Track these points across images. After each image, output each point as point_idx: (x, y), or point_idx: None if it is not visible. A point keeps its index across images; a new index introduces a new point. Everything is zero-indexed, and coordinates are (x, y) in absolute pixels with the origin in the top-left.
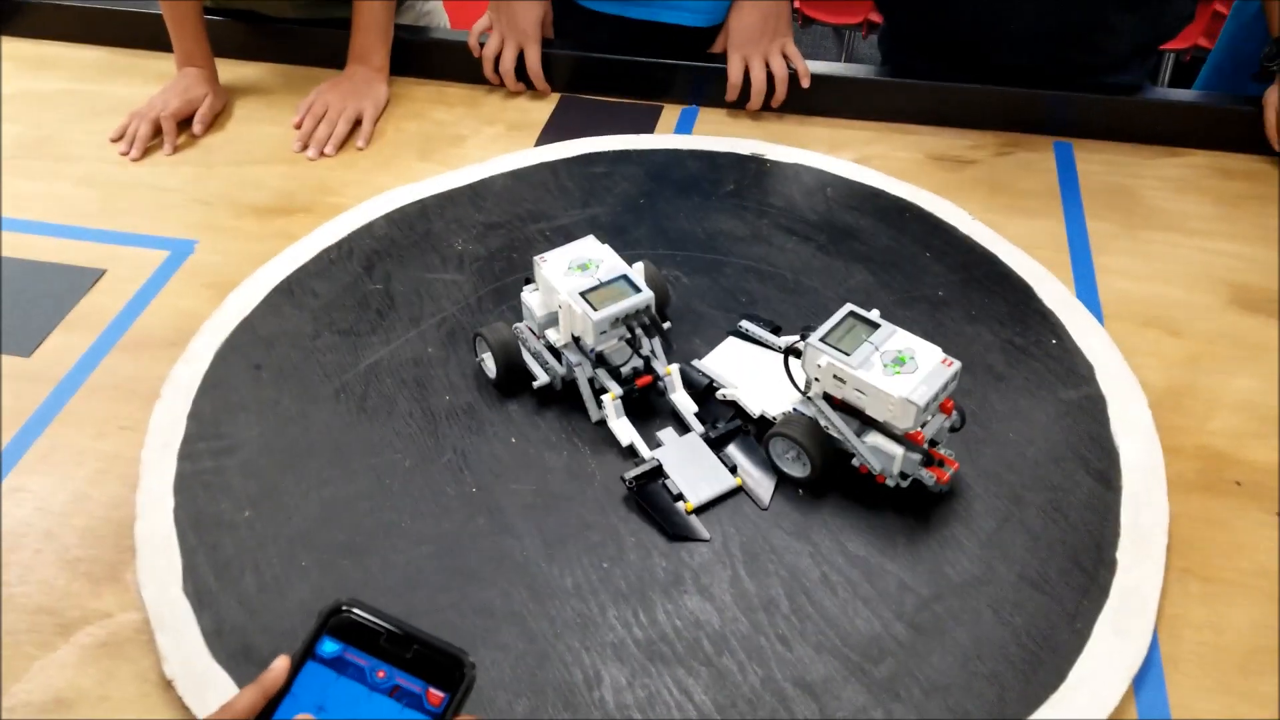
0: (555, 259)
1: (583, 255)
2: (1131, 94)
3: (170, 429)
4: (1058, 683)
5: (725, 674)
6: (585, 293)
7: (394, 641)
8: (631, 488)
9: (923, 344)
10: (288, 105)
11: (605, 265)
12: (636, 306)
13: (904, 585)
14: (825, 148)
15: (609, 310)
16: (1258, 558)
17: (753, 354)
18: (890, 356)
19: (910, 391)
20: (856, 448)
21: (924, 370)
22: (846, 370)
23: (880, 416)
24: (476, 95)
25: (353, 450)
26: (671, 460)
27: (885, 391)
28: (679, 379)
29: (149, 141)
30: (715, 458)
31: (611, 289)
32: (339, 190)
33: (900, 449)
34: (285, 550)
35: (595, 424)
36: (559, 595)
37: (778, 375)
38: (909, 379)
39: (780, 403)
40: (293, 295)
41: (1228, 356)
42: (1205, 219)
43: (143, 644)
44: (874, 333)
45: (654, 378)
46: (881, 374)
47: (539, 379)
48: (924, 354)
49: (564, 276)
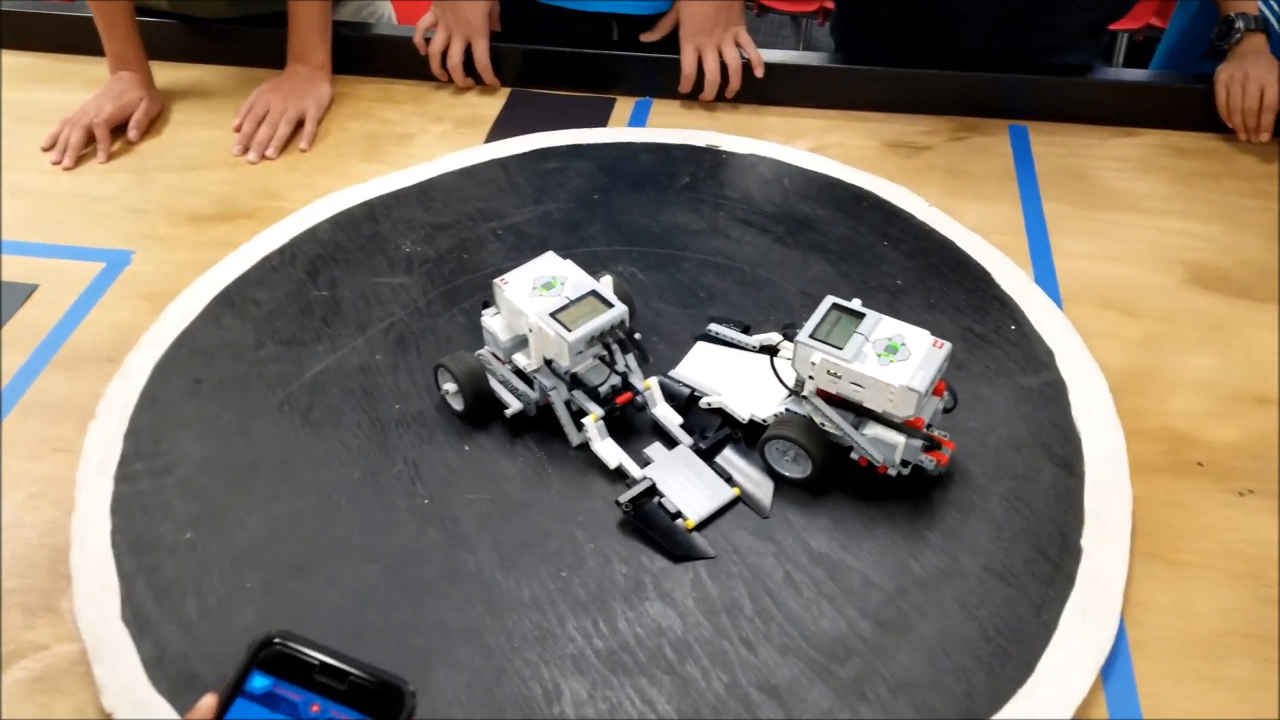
0: (516, 280)
1: (546, 273)
2: (1085, 75)
3: (106, 449)
4: (1025, 675)
5: (689, 682)
6: (555, 313)
7: (328, 673)
8: (628, 511)
9: (910, 329)
10: (227, 108)
11: (571, 281)
12: (611, 322)
13: (868, 581)
14: (781, 137)
15: (584, 329)
16: (1221, 539)
17: (726, 356)
18: (882, 345)
19: (909, 379)
20: (857, 441)
21: (918, 356)
22: (841, 365)
23: (879, 407)
24: (423, 92)
25: (298, 465)
26: (664, 477)
27: (884, 382)
28: (659, 392)
29: (82, 149)
30: (709, 469)
31: (582, 306)
32: (281, 194)
33: (902, 437)
34: (229, 572)
35: (576, 449)
36: (516, 608)
37: (759, 376)
38: (905, 366)
39: (767, 404)
40: (234, 305)
41: (1186, 336)
42: (1160, 198)
43: (80, 676)
44: (861, 323)
45: (633, 394)
46: (877, 364)
47: (511, 407)
48: (914, 339)
49: (529, 298)
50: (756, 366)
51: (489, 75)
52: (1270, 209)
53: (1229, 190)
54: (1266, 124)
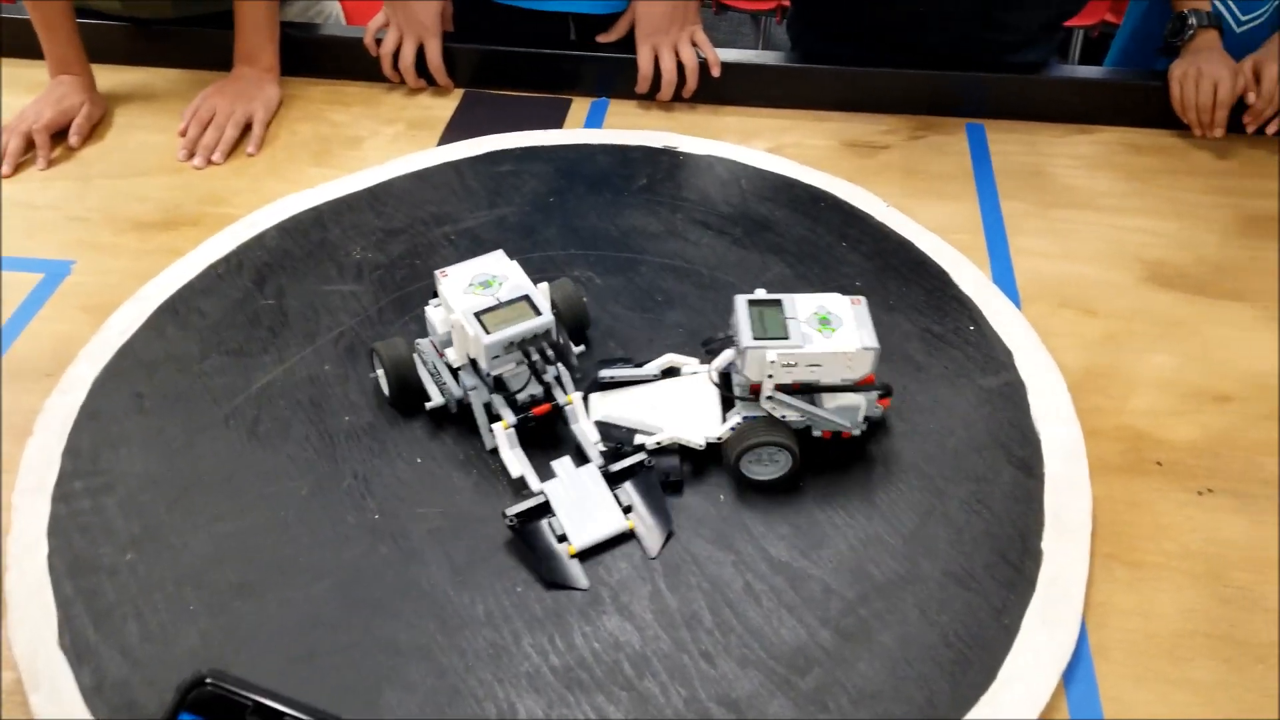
0: (457, 274)
1: (487, 271)
2: (1040, 72)
3: (44, 467)
4: (988, 682)
5: (647, 697)
6: (481, 313)
7: (261, 714)
8: (513, 526)
9: (823, 297)
10: (172, 112)
11: (509, 284)
12: (534, 330)
13: (828, 589)
14: (738, 138)
15: (503, 333)
16: (1181, 539)
17: (631, 396)
18: (815, 322)
19: (862, 340)
20: (823, 417)
21: (849, 318)
22: (796, 353)
23: (838, 377)
24: (374, 94)
25: (244, 481)
26: (560, 496)
27: (841, 352)
28: (581, 408)
29: (21, 157)
30: (610, 495)
31: (511, 310)
32: (228, 200)
33: (861, 396)
34: (172, 594)
35: (489, 452)
36: (470, 625)
37: (679, 399)
38: (847, 331)
39: (713, 422)
40: (178, 315)
41: (1144, 334)
42: (1116, 195)
43: (17, 705)
44: (782, 309)
45: (553, 406)
46: (823, 340)
47: (433, 400)
48: (835, 305)
49: (463, 294)
50: (672, 393)
51: (442, 76)
52: (1225, 205)
53: (1184, 187)
54: (1220, 120)
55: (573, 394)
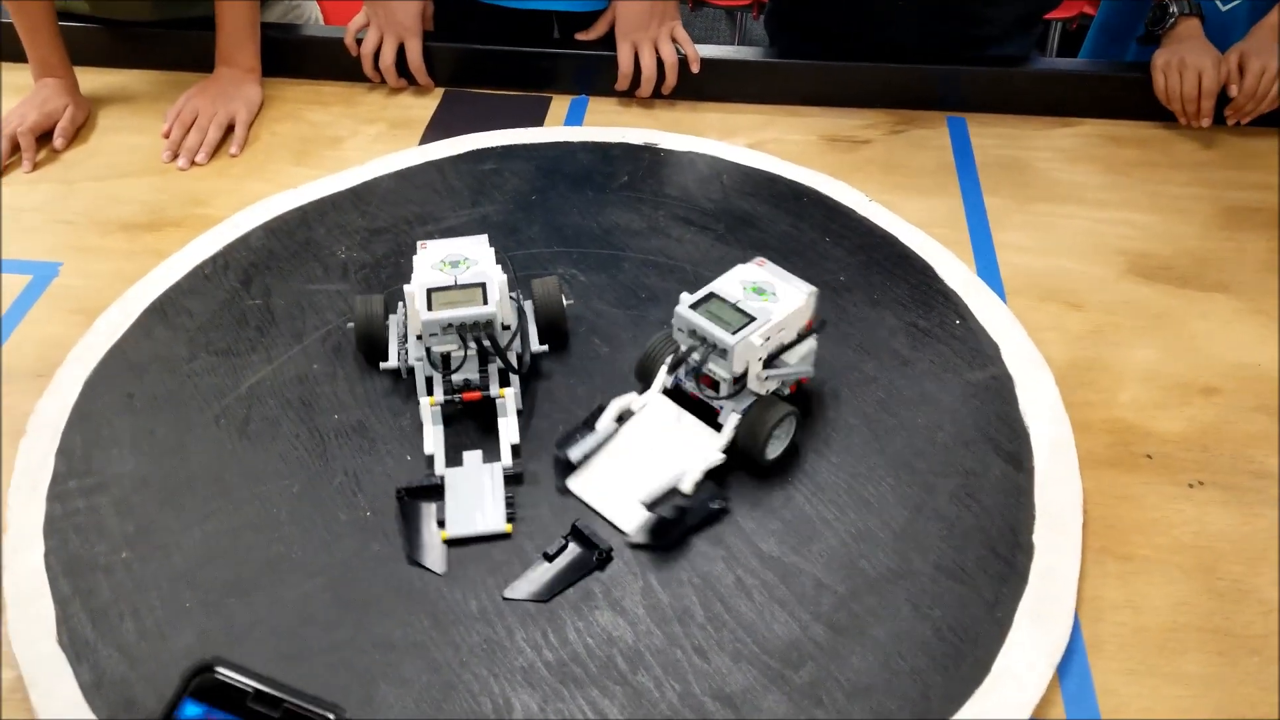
0: (435, 249)
1: (462, 252)
2: (1020, 65)
3: (37, 468)
4: (982, 675)
5: (641, 692)
6: (433, 290)
7: (262, 701)
8: (400, 498)
9: (734, 272)
10: (155, 113)
11: (475, 269)
12: (474, 319)
13: (820, 584)
14: (719, 134)
15: (441, 314)
16: (1172, 532)
17: (610, 464)
18: (753, 297)
19: (803, 290)
20: (797, 371)
21: (773, 278)
22: (771, 326)
23: (795, 332)
24: (354, 94)
25: (236, 479)
26: (457, 484)
27: (797, 307)
28: (513, 404)
29: (6, 160)
30: (502, 496)
31: (461, 293)
32: (212, 201)
33: (812, 338)
34: (167, 592)
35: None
36: (463, 621)
37: (656, 436)
38: (786, 288)
39: (707, 435)
40: (165, 316)
41: (1129, 327)
42: (1098, 188)
43: (16, 703)
44: (723, 296)
45: (481, 394)
46: (777, 304)
47: (389, 361)
48: (752, 274)
49: (429, 268)
50: (643, 436)
51: (423, 76)
52: (1207, 196)
53: (1166, 179)
54: (1206, 110)
55: (506, 390)
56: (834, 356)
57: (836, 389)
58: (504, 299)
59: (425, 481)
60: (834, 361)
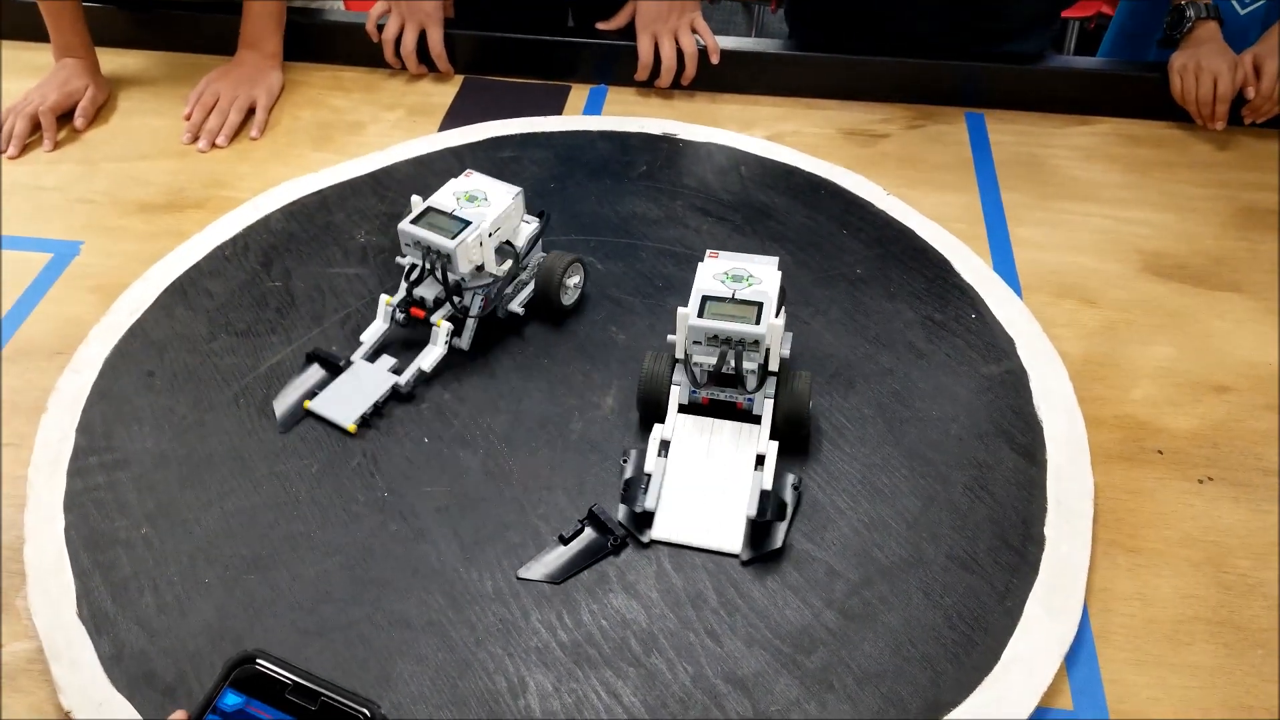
0: (467, 182)
1: (486, 192)
2: (1039, 63)
3: (58, 444)
4: (991, 664)
5: (655, 674)
6: (431, 208)
7: (300, 693)
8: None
9: (704, 268)
10: (176, 96)
11: (483, 211)
12: (436, 246)
13: (832, 571)
14: (737, 125)
15: (414, 230)
16: (1182, 526)
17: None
18: (744, 286)
19: (772, 263)
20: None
21: (750, 264)
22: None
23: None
24: (375, 80)
25: (255, 458)
26: (353, 374)
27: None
28: (442, 336)
29: (27, 139)
30: (372, 404)
31: (445, 221)
32: (232, 183)
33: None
34: (186, 567)
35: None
36: (479, 601)
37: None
38: (761, 269)
39: (758, 434)
40: (186, 296)
41: (1143, 324)
42: (1115, 187)
43: (37, 674)
44: (722, 296)
45: (423, 314)
46: (765, 286)
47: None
48: (724, 264)
49: (447, 192)
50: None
51: (443, 62)
52: (1223, 197)
53: (1183, 179)
54: (1221, 113)
55: (444, 322)
56: (850, 348)
57: (852, 380)
58: (488, 248)
59: (334, 356)
60: (849, 353)
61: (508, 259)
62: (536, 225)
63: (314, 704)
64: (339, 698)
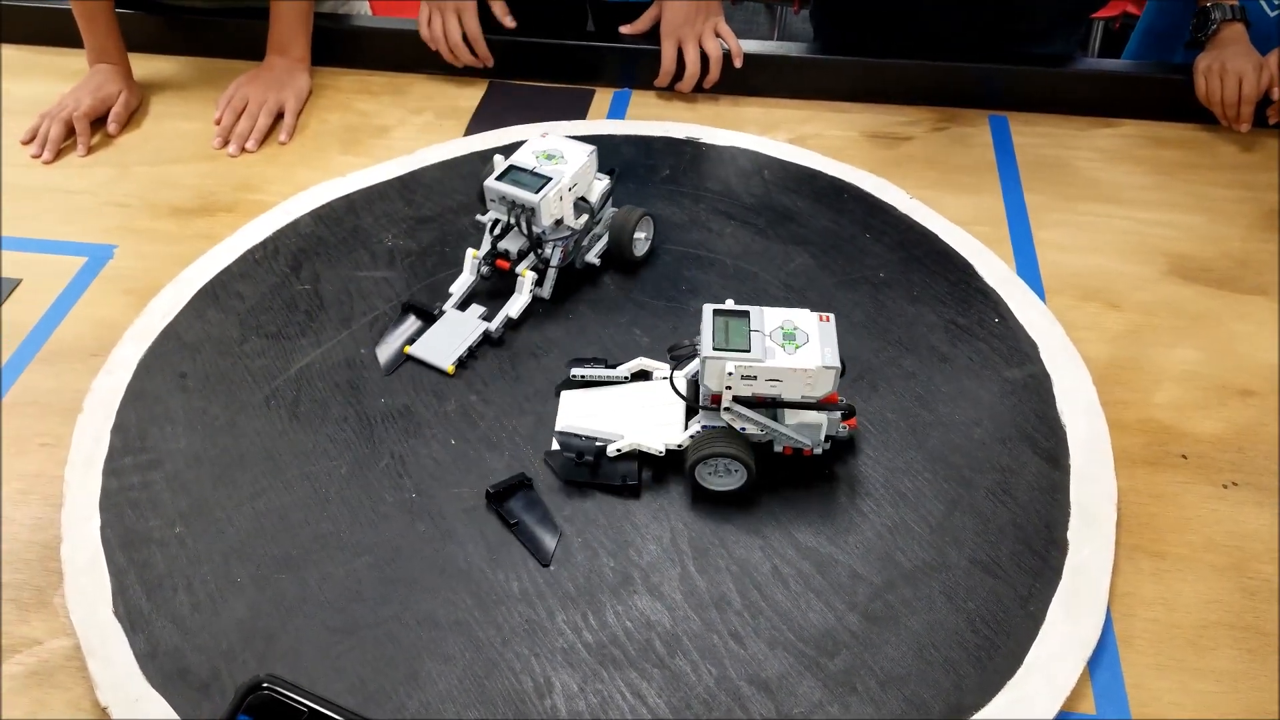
0: (546, 142)
1: (562, 151)
2: (1063, 65)
3: (94, 444)
4: (1014, 668)
5: (679, 675)
6: (511, 167)
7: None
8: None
9: (794, 312)
10: (206, 100)
11: (559, 168)
12: (520, 200)
13: (855, 575)
14: (760, 129)
15: (499, 186)
16: (1205, 531)
17: (600, 397)
18: (779, 336)
19: (823, 358)
20: (782, 433)
21: (815, 335)
22: (756, 366)
23: (798, 394)
24: (401, 83)
25: (286, 459)
26: (447, 321)
27: (802, 368)
28: (529, 284)
29: (62, 143)
30: (467, 348)
31: (527, 179)
32: (262, 187)
33: (823, 415)
34: (219, 566)
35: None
36: (505, 601)
37: (647, 405)
38: (811, 348)
39: (675, 429)
40: (217, 299)
41: (1168, 328)
42: (1140, 189)
43: (74, 671)
44: (748, 320)
45: (509, 265)
46: (785, 355)
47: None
48: (804, 321)
49: (528, 151)
50: (640, 397)
51: (481, 45)
52: (1249, 199)
53: (1208, 181)
54: (1245, 115)
55: (528, 271)
56: (873, 352)
57: (875, 383)
58: (566, 202)
59: (429, 306)
60: (873, 357)
61: (583, 213)
62: (607, 182)
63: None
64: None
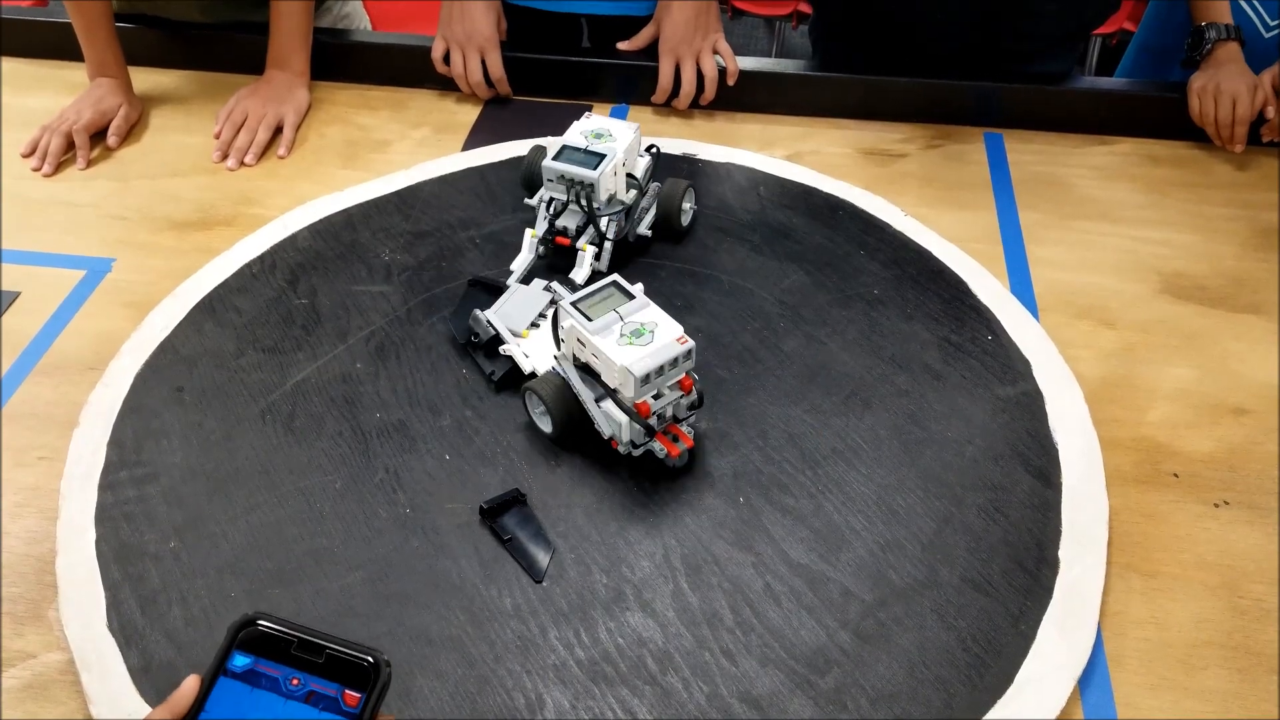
0: (590, 123)
1: (609, 129)
2: (1059, 83)
3: (90, 457)
4: (1004, 686)
5: (670, 692)
6: (566, 148)
7: (305, 649)
8: (470, 281)
9: (668, 321)
10: (205, 114)
11: (610, 145)
12: (579, 177)
13: (847, 592)
14: (756, 145)
15: (555, 165)
16: (1197, 550)
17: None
18: (631, 328)
19: (632, 362)
20: (591, 410)
21: (656, 344)
22: (585, 335)
23: (612, 384)
24: (400, 98)
25: (281, 473)
26: (514, 292)
27: (611, 359)
28: (589, 258)
29: (62, 156)
30: (537, 313)
31: (582, 156)
32: (260, 201)
33: (626, 418)
34: (213, 581)
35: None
36: (498, 617)
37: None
38: (638, 350)
39: (547, 360)
40: (215, 313)
41: (1161, 346)
42: (1134, 207)
43: (68, 685)
44: (627, 304)
45: (569, 241)
46: (615, 342)
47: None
48: (664, 330)
49: (575, 132)
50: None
51: (504, 86)
52: (1244, 217)
53: (1203, 199)
54: (1239, 136)
55: (589, 246)
56: (866, 369)
57: (868, 400)
58: (620, 177)
59: (495, 280)
60: (866, 374)
61: (633, 188)
62: (649, 159)
63: (320, 657)
64: (343, 649)
